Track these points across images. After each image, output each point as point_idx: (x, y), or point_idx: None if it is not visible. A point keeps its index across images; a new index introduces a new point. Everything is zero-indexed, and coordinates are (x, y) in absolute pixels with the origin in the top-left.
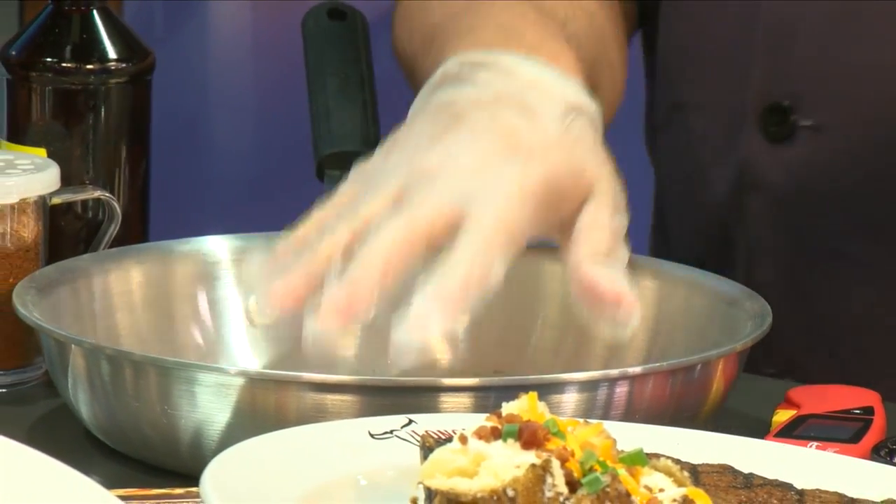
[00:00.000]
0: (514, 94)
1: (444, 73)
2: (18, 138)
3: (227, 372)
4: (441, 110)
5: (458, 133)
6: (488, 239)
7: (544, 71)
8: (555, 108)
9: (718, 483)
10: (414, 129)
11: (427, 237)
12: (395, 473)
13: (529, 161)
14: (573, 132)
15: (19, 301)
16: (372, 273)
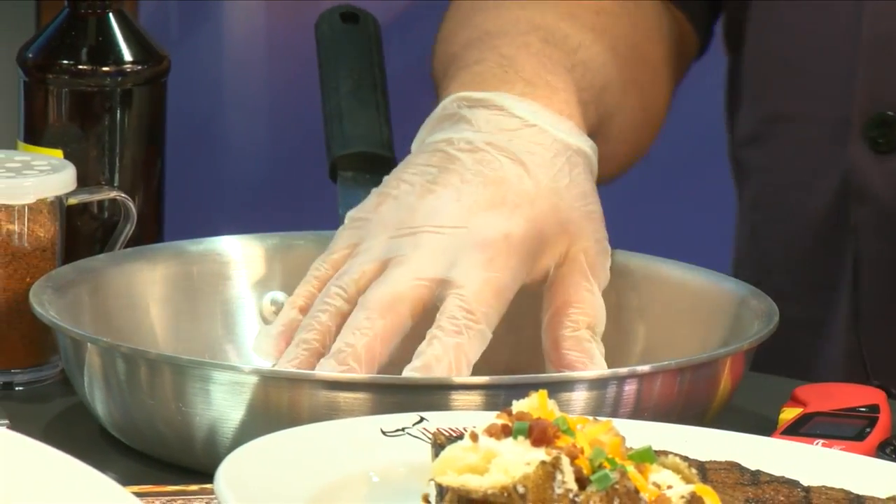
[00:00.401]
0: (506, 139)
1: (443, 109)
2: (35, 140)
3: (241, 370)
4: (435, 151)
5: (446, 184)
6: (472, 310)
7: (538, 112)
8: (546, 153)
9: (726, 480)
10: (407, 172)
11: (411, 311)
12: (406, 470)
13: (515, 212)
14: (562, 180)
15: (36, 300)
16: (356, 365)
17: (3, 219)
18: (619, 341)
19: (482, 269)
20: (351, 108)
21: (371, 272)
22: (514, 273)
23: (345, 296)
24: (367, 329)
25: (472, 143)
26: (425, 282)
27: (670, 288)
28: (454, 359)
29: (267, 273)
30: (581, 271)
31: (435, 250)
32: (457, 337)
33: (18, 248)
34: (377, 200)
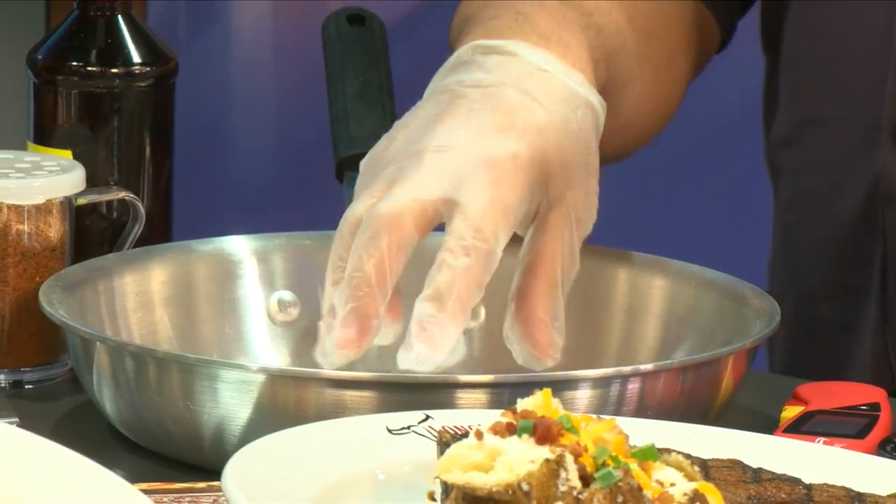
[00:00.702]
0: (517, 78)
1: (457, 58)
2: (45, 140)
3: (249, 369)
4: (444, 92)
5: (455, 113)
6: (480, 228)
7: (550, 61)
8: (555, 95)
9: (728, 477)
10: (417, 112)
11: (416, 226)
12: (412, 468)
13: (523, 137)
14: (570, 122)
15: (45, 299)
16: (369, 289)
17: (14, 219)
18: (624, 340)
19: (489, 187)
20: (357, 109)
21: (376, 198)
22: (520, 194)
23: (355, 222)
24: (373, 249)
25: (482, 81)
26: (428, 200)
27: (674, 287)
28: (464, 285)
29: (274, 272)
30: (568, 222)
31: (439, 168)
32: (466, 259)
33: (28, 247)
34: (388, 140)
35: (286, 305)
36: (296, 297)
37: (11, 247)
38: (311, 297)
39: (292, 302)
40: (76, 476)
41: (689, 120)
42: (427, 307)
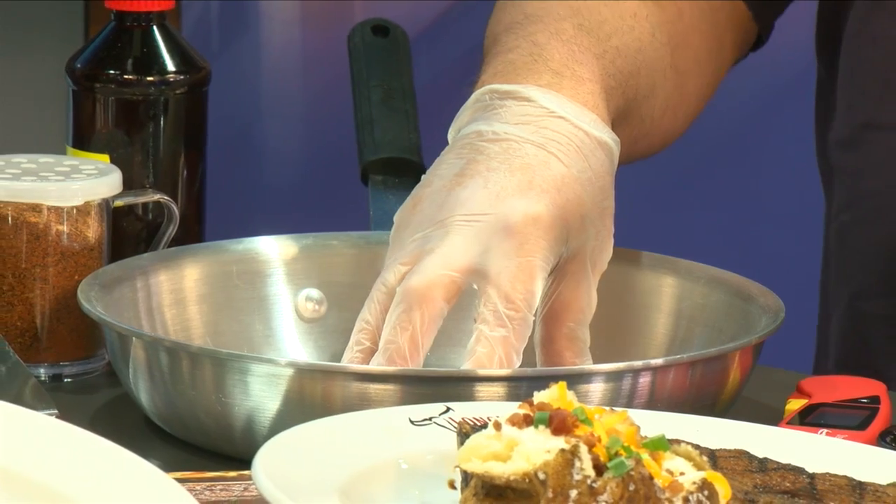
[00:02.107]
0: (531, 130)
1: (476, 101)
2: (83, 145)
3: (278, 363)
4: (465, 144)
5: (473, 174)
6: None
7: (563, 105)
8: (570, 143)
9: (735, 467)
10: (441, 167)
11: (445, 297)
12: (434, 458)
13: (542, 196)
14: (585, 172)
15: (84, 297)
16: (402, 361)
17: (53, 220)
18: (635, 336)
19: (515, 255)
20: (381, 116)
21: (407, 268)
22: (545, 255)
23: (385, 290)
24: (407, 322)
25: (499, 133)
26: (457, 271)
27: (684, 285)
28: (504, 353)
29: (302, 271)
30: (586, 270)
31: (465, 238)
32: (502, 330)
33: (67, 247)
34: (413, 201)
35: (313, 302)
36: (322, 294)
37: (51, 246)
38: (337, 294)
39: (319, 299)
40: (113, 465)
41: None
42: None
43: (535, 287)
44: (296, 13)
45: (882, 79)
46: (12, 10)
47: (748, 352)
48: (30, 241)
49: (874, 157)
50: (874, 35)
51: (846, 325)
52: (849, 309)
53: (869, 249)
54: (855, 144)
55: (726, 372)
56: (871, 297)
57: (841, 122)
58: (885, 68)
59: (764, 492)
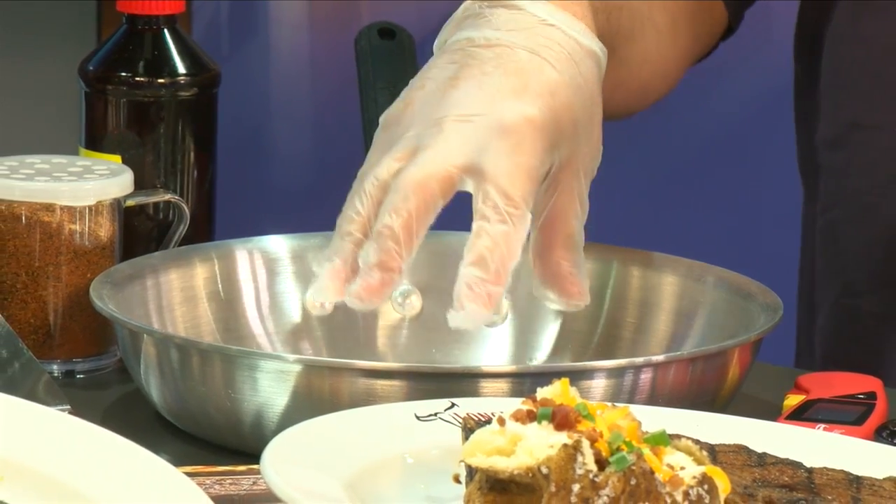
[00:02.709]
0: (523, 36)
1: (465, 10)
2: (95, 146)
3: (286, 359)
4: (457, 49)
5: (468, 76)
6: (510, 194)
7: (553, 13)
8: (561, 50)
9: (734, 462)
10: (431, 71)
11: (441, 191)
12: (439, 452)
13: (537, 100)
14: (576, 78)
15: (96, 295)
16: (395, 245)
17: (66, 219)
18: (636, 333)
19: (512, 153)
20: None
21: (400, 164)
22: (541, 156)
23: (378, 183)
24: (402, 209)
25: (491, 39)
26: (455, 166)
27: (684, 283)
28: (506, 248)
29: (310, 269)
30: (578, 178)
31: (461, 136)
32: (502, 226)
33: (80, 246)
34: (404, 103)
35: None
36: None
37: (64, 245)
38: None
39: None
40: (125, 460)
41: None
42: (473, 271)
43: (532, 185)
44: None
45: (869, 78)
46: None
47: (747, 348)
48: (43, 240)
49: (862, 156)
50: (860, 35)
51: (834, 322)
52: (837, 306)
53: (858, 247)
54: (842, 144)
55: (726, 368)
56: (861, 293)
57: (827, 122)
58: (872, 68)
59: (763, 486)
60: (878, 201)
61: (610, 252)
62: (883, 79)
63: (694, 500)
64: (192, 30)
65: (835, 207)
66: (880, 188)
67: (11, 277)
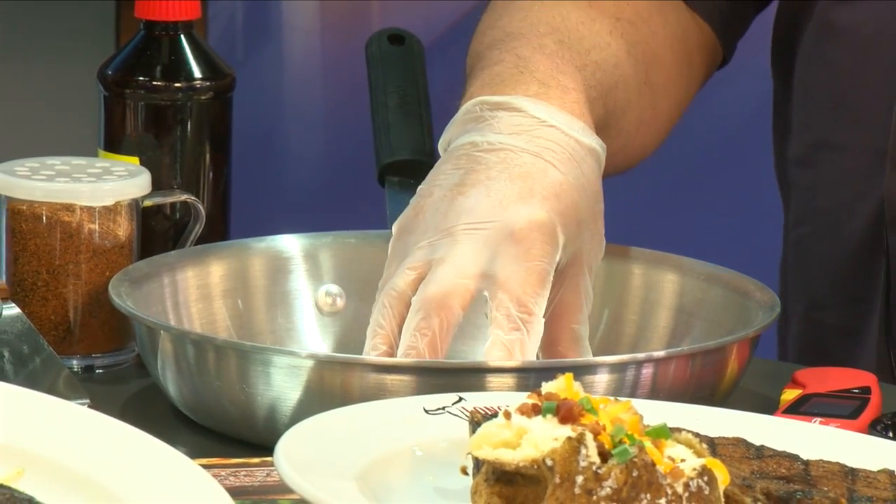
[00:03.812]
0: (525, 139)
1: (466, 113)
2: (114, 148)
3: (299, 355)
4: (462, 155)
5: (474, 183)
6: (523, 301)
7: (553, 114)
8: (563, 151)
9: (733, 454)
10: (439, 178)
11: (460, 304)
12: (447, 445)
13: (544, 203)
14: (580, 178)
15: (114, 292)
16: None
17: (86, 219)
18: (638, 329)
19: (522, 260)
20: (397, 121)
21: (415, 274)
22: (550, 259)
23: (396, 295)
24: (426, 329)
25: (494, 143)
26: (469, 278)
27: (684, 281)
28: (520, 356)
29: (322, 268)
30: (583, 273)
31: (474, 246)
32: (517, 333)
33: (99, 245)
34: (414, 210)
35: (333, 297)
36: (341, 289)
37: (84, 244)
38: (355, 289)
39: (338, 294)
40: (142, 452)
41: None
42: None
43: (544, 290)
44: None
45: (832, 101)
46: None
47: (745, 344)
48: (63, 239)
49: (827, 176)
50: (825, 60)
51: (803, 332)
52: (805, 319)
53: (823, 263)
54: (809, 162)
55: (725, 363)
56: (825, 307)
57: (797, 140)
58: (836, 92)
59: (761, 477)
60: (843, 220)
61: (613, 250)
62: (846, 102)
63: (694, 492)
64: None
65: (803, 224)
66: (845, 207)
67: (32, 275)
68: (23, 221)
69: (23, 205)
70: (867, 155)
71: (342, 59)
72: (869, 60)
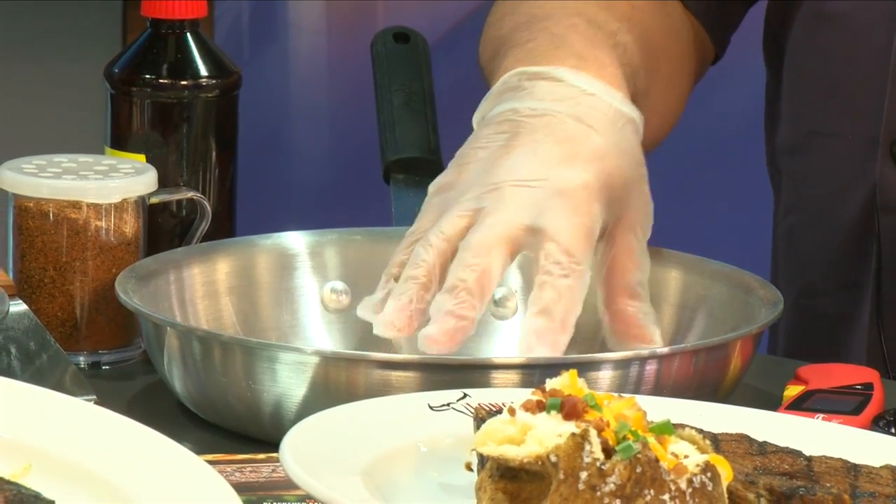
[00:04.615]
0: (567, 105)
1: (503, 84)
2: (121, 145)
3: (304, 351)
4: (503, 120)
5: (520, 144)
6: (571, 252)
7: (592, 83)
8: (604, 118)
9: (736, 450)
10: (480, 141)
11: (509, 252)
12: (451, 441)
13: (588, 166)
14: (622, 143)
15: (121, 289)
16: (469, 297)
17: (93, 216)
18: None
19: (571, 215)
20: (402, 118)
21: (464, 222)
22: (596, 218)
23: (444, 237)
24: (476, 265)
25: (536, 109)
26: (519, 228)
27: (688, 278)
28: (568, 301)
29: (327, 265)
30: (634, 232)
31: (521, 201)
32: (566, 280)
33: (106, 242)
34: (457, 170)
35: (338, 294)
36: (347, 286)
37: (90, 241)
38: (360, 286)
39: (344, 291)
40: (149, 448)
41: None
42: (539, 320)
43: (591, 245)
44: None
45: (825, 89)
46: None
47: (748, 341)
48: (70, 236)
49: (818, 163)
50: (817, 47)
51: (793, 320)
52: (796, 307)
53: (814, 250)
54: (800, 150)
55: (728, 360)
56: (817, 295)
57: (787, 129)
58: (828, 79)
59: (763, 473)
60: (834, 207)
61: None
62: (838, 89)
63: (697, 488)
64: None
65: (794, 212)
66: (836, 195)
67: (39, 272)
68: (30, 218)
69: (30, 202)
70: (859, 142)
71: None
72: (861, 47)
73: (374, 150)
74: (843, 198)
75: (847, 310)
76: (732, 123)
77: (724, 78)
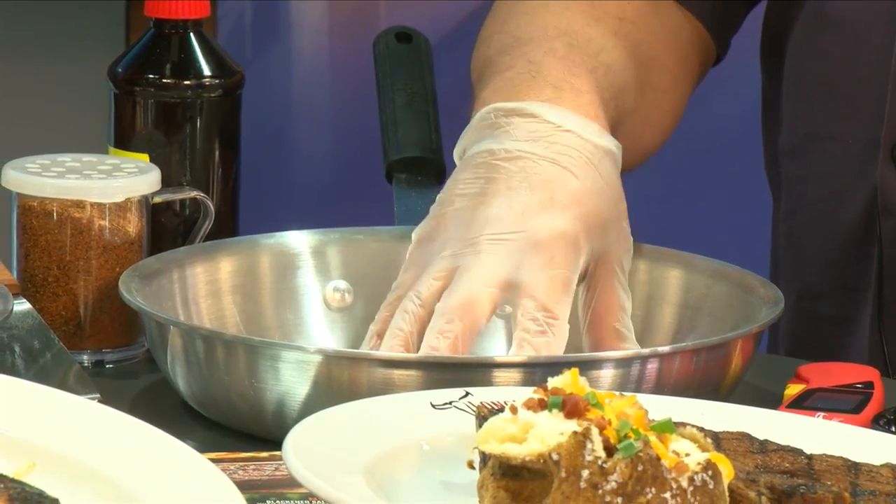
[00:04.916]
0: (542, 146)
1: (481, 119)
2: (124, 145)
3: (307, 350)
4: (480, 163)
5: (495, 193)
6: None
7: (567, 117)
8: (581, 156)
9: (737, 448)
10: (458, 186)
11: (484, 312)
12: (454, 439)
13: (565, 212)
14: (598, 181)
15: (124, 288)
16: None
17: (96, 215)
18: (645, 325)
19: (546, 268)
20: (405, 118)
21: (440, 283)
22: (573, 267)
23: (420, 302)
24: (449, 332)
25: (512, 151)
26: (494, 286)
27: (689, 277)
28: (549, 343)
29: (330, 264)
30: (615, 272)
31: (497, 256)
32: (543, 336)
33: (109, 241)
34: (436, 220)
35: (341, 293)
36: (349, 285)
37: (94, 240)
38: (363, 285)
39: (346, 290)
40: (152, 446)
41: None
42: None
43: (568, 297)
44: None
45: (823, 91)
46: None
47: (749, 340)
48: (74, 236)
49: (817, 166)
50: (817, 49)
51: (794, 322)
52: (796, 309)
53: (814, 253)
54: (800, 153)
55: (729, 359)
56: (817, 297)
57: (787, 131)
58: (827, 81)
59: (764, 472)
60: (835, 210)
61: None
62: (838, 92)
63: (699, 486)
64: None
65: (795, 214)
66: (836, 197)
67: (43, 271)
68: (34, 218)
69: (34, 201)
70: (859, 144)
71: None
72: (861, 50)
73: (377, 150)
74: (843, 200)
75: (847, 312)
76: (733, 123)
77: (725, 78)
